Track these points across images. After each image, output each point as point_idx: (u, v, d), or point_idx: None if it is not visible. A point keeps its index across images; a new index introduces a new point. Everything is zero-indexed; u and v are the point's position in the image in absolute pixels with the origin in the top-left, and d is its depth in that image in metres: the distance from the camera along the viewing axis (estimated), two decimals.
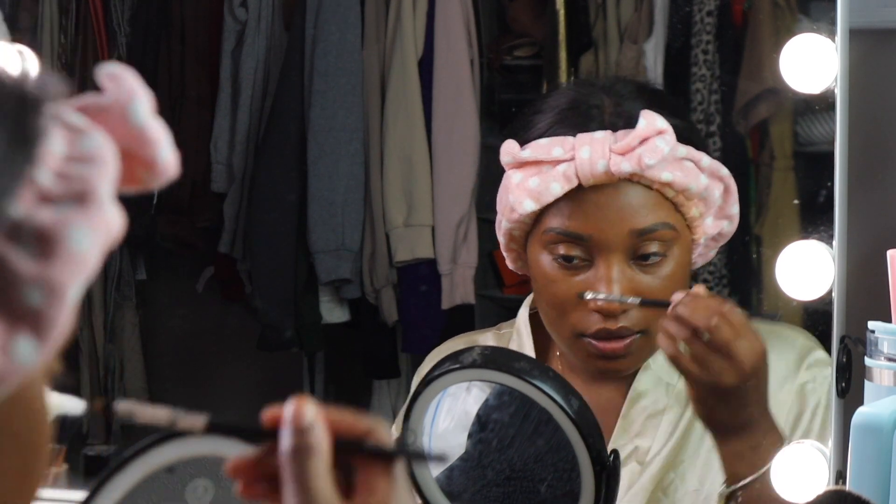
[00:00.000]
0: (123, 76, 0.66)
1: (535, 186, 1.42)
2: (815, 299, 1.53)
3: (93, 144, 0.63)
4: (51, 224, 0.60)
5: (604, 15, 2.51)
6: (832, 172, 1.52)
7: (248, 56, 2.73)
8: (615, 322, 1.43)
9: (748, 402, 1.36)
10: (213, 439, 0.85)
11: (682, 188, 1.41)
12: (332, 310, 2.73)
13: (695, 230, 1.45)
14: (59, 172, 0.61)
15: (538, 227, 1.45)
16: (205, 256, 2.79)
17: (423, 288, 2.66)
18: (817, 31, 1.52)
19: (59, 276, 0.59)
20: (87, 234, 0.60)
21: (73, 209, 0.60)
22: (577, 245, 1.43)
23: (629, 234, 1.42)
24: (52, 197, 0.60)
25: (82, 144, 0.63)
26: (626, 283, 1.43)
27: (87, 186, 0.61)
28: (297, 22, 2.70)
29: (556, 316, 1.46)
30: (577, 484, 1.23)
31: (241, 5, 2.74)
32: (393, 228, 2.66)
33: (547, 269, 1.45)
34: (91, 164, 0.62)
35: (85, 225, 0.60)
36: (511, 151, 1.44)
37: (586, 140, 1.40)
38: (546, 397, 1.22)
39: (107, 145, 0.64)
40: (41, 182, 0.60)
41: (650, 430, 1.49)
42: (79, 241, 0.60)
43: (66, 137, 0.63)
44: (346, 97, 2.67)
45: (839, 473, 1.47)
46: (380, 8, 2.66)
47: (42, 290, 0.59)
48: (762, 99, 2.18)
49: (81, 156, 0.62)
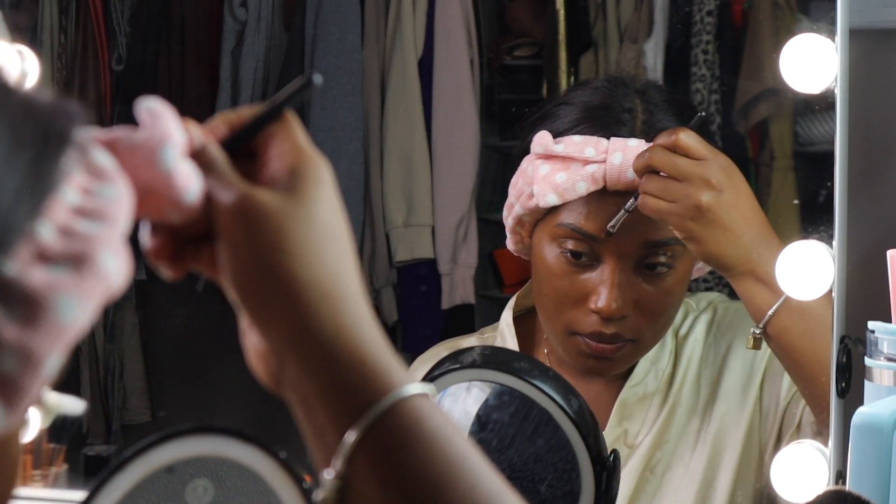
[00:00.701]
0: (162, 116, 0.65)
1: (561, 182, 1.43)
2: (815, 299, 1.53)
3: (109, 195, 0.61)
4: (41, 288, 0.57)
5: (604, 15, 2.51)
6: (832, 172, 1.52)
7: (248, 56, 2.73)
8: (611, 326, 1.44)
9: (736, 225, 1.37)
10: (213, 439, 0.85)
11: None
12: None
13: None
14: (63, 229, 0.59)
15: (551, 218, 1.46)
16: None
17: (423, 288, 2.66)
18: (817, 31, 1.52)
19: (38, 346, 0.57)
20: (77, 304, 0.58)
21: (67, 273, 0.58)
22: (588, 244, 1.43)
23: (642, 245, 1.43)
24: (49, 256, 0.58)
25: (98, 195, 0.60)
26: (629, 289, 1.43)
27: (88, 249, 0.59)
28: (297, 22, 2.70)
29: (554, 309, 1.47)
30: (577, 484, 1.23)
31: (241, 5, 2.74)
32: (393, 228, 2.66)
33: (552, 262, 1.46)
34: (100, 221, 0.60)
35: (76, 293, 0.58)
36: (544, 143, 1.45)
37: (620, 146, 1.42)
38: (546, 397, 1.22)
39: (123, 198, 0.61)
40: (42, 238, 0.58)
41: (638, 414, 1.50)
42: (66, 311, 0.57)
43: (82, 185, 0.60)
44: (346, 97, 2.67)
45: (839, 473, 1.47)
46: (380, 8, 2.66)
47: (18, 357, 0.56)
48: (762, 99, 2.18)
49: (93, 211, 0.60)
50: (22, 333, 0.56)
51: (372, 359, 0.68)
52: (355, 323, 0.69)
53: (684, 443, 1.50)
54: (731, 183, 1.39)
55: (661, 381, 1.51)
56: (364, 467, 0.66)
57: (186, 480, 0.85)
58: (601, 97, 1.51)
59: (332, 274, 0.68)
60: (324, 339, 0.67)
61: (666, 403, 1.51)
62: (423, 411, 0.68)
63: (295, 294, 0.66)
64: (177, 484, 0.85)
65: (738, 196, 1.39)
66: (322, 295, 0.67)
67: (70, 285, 0.58)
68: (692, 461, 1.49)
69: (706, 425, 1.50)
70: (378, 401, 0.67)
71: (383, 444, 0.66)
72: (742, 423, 1.49)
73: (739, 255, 1.40)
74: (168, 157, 0.64)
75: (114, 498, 0.83)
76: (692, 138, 1.40)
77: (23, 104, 0.61)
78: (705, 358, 1.52)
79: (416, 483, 0.66)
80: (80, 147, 0.61)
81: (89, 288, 0.59)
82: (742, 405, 1.50)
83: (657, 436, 1.50)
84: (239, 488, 0.86)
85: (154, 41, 2.81)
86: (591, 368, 1.48)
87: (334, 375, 0.67)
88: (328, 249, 0.68)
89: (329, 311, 0.67)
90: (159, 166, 0.64)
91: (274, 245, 0.66)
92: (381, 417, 0.67)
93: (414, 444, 0.67)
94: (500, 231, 1.48)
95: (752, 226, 1.40)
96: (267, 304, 0.66)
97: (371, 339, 0.69)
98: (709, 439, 1.50)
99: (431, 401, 0.69)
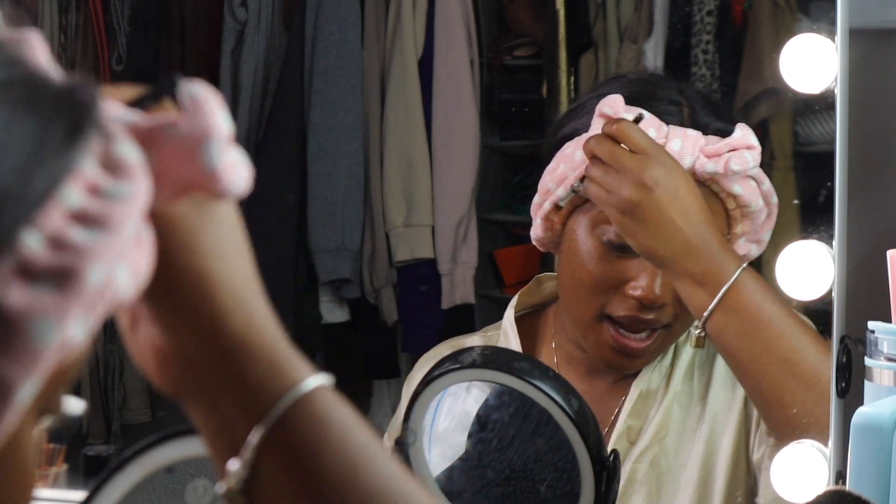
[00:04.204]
0: (206, 105, 0.61)
1: None
2: (815, 299, 1.53)
3: (121, 195, 0.56)
4: (17, 310, 0.52)
5: (604, 15, 2.51)
6: (832, 172, 1.52)
7: (248, 56, 2.73)
8: (649, 312, 1.44)
9: (668, 224, 1.37)
10: None
11: (744, 204, 1.45)
12: (332, 309, 2.72)
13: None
14: (54, 239, 0.54)
15: (592, 205, 1.46)
16: None
17: (423, 288, 2.66)
18: (817, 31, 1.52)
19: (9, 374, 0.52)
20: (56, 327, 0.53)
21: (48, 292, 0.53)
22: None
23: None
24: (32, 271, 0.52)
25: (107, 196, 0.56)
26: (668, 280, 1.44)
27: (76, 263, 0.54)
28: (297, 22, 2.70)
29: (589, 293, 1.46)
30: (576, 484, 1.23)
31: (241, 5, 2.74)
32: (393, 228, 2.66)
33: (592, 247, 1.46)
34: (99, 229, 0.55)
35: (55, 316, 0.53)
36: (615, 106, 1.44)
37: (680, 133, 1.43)
38: (546, 397, 1.22)
39: (137, 199, 0.57)
40: (27, 250, 0.53)
41: (642, 410, 1.50)
42: (43, 336, 0.52)
43: (92, 183, 0.55)
44: (346, 97, 2.67)
45: (839, 473, 1.47)
46: (380, 8, 2.66)
47: None
48: (762, 99, 2.18)
49: (95, 217, 0.55)
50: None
51: (279, 352, 0.69)
52: (263, 319, 0.69)
53: (682, 439, 1.50)
54: (668, 180, 1.38)
55: (663, 376, 1.51)
56: (274, 456, 0.67)
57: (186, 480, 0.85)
58: (644, 87, 1.52)
59: (240, 271, 0.68)
60: (237, 334, 0.67)
61: (666, 396, 1.51)
62: (330, 401, 0.70)
63: (208, 292, 0.66)
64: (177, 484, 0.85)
65: (674, 195, 1.37)
66: (232, 292, 0.67)
67: (49, 306, 0.53)
68: (690, 458, 1.49)
69: (701, 421, 1.50)
70: (289, 390, 0.68)
71: (295, 432, 0.67)
72: (732, 419, 1.49)
73: (673, 253, 1.38)
74: (212, 153, 0.61)
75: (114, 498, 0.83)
76: (635, 130, 1.39)
77: (36, 77, 0.56)
78: (697, 351, 1.51)
79: (327, 469, 0.67)
80: (103, 133, 0.56)
81: (71, 306, 0.54)
82: (731, 401, 1.50)
83: (656, 429, 1.50)
84: None
85: (154, 41, 2.81)
86: (614, 363, 1.47)
87: (245, 368, 0.67)
88: (235, 247, 0.68)
89: (240, 308, 0.68)
90: (202, 162, 0.61)
91: (185, 245, 0.65)
92: (292, 407, 0.68)
93: (325, 431, 0.68)
94: (500, 231, 1.48)
95: (690, 226, 1.38)
96: (180, 303, 0.65)
97: (276, 333, 0.70)
98: (703, 435, 1.50)
99: (334, 392, 0.70)
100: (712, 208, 1.44)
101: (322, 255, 2.67)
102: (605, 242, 1.45)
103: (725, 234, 1.46)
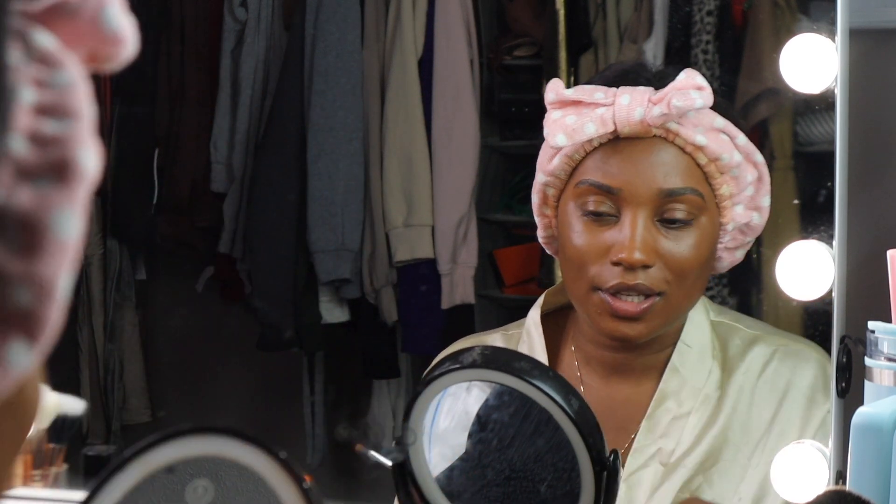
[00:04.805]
0: None
1: (570, 123, 1.44)
2: (815, 299, 1.53)
3: (64, 83, 0.56)
4: (32, 208, 0.54)
5: (604, 15, 2.51)
6: (832, 172, 1.52)
7: (248, 56, 2.74)
8: (634, 277, 1.43)
9: None
10: (213, 439, 0.85)
11: (714, 156, 1.43)
12: (332, 310, 2.73)
13: (724, 212, 1.46)
14: (33, 135, 0.55)
15: (571, 182, 1.47)
16: (205, 256, 2.79)
17: (423, 288, 2.66)
18: (817, 31, 1.52)
19: (47, 271, 0.54)
20: (72, 217, 0.55)
21: (53, 187, 0.55)
22: (607, 198, 1.44)
23: (658, 193, 1.43)
24: (29, 170, 0.54)
25: (53, 86, 0.56)
26: (651, 242, 1.43)
27: (65, 153, 0.55)
28: (297, 22, 2.70)
29: (577, 270, 1.47)
30: (577, 484, 1.23)
31: (241, 5, 2.74)
32: (393, 228, 2.66)
33: (573, 222, 1.47)
34: (66, 118, 0.56)
35: (68, 206, 0.55)
36: (556, 89, 1.45)
37: (627, 90, 1.43)
38: (546, 397, 1.22)
39: (80, 83, 0.57)
40: (17, 153, 0.54)
41: (675, 432, 1.49)
42: (63, 227, 0.54)
43: (34, 77, 0.56)
44: (346, 97, 2.68)
45: (839, 473, 1.47)
46: (380, 8, 2.66)
47: (30, 288, 0.54)
48: (762, 99, 2.18)
49: (55, 106, 0.56)
50: (27, 263, 0.54)
51: None
52: None
53: (733, 471, 1.48)
54: None
55: (700, 401, 1.49)
56: None
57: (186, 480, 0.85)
58: (618, 70, 1.53)
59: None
60: None
61: (711, 429, 1.49)
62: None
63: None
64: (177, 484, 0.85)
65: None
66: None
67: (60, 198, 0.55)
68: (739, 492, 1.48)
69: (755, 462, 1.48)
70: None
71: None
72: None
73: None
74: (112, 17, 0.59)
75: (114, 498, 0.83)
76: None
77: None
78: (760, 392, 1.50)
79: None
80: (19, 32, 0.56)
81: (79, 196, 0.55)
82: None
83: (700, 459, 1.49)
84: (239, 488, 0.86)
85: (154, 41, 2.81)
86: (614, 331, 1.46)
87: None
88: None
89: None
90: (104, 27, 0.59)
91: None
92: None
93: None
94: (500, 231, 1.48)
95: None
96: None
97: None
98: (757, 477, 1.48)
99: None
100: (682, 166, 1.44)
101: (322, 255, 2.67)
102: (585, 215, 1.46)
103: (705, 197, 1.45)
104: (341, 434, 2.82)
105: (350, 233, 2.68)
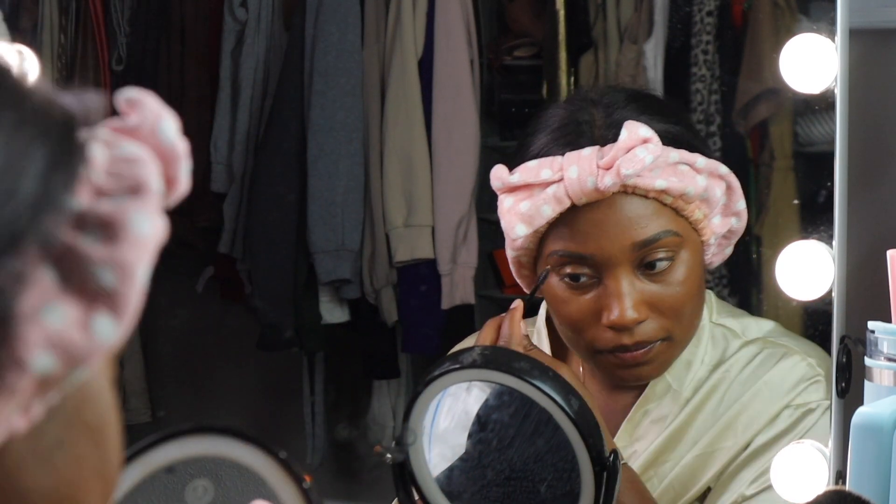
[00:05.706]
0: (145, 100, 0.67)
1: (525, 210, 1.40)
2: (815, 299, 1.53)
3: (131, 149, 0.64)
4: (112, 212, 0.61)
5: (604, 15, 2.51)
6: (832, 172, 1.52)
7: (248, 56, 2.74)
8: (631, 336, 1.42)
9: None
10: (213, 439, 0.85)
11: (678, 193, 1.40)
12: (332, 310, 2.73)
13: (702, 231, 1.44)
14: (109, 171, 0.63)
15: (543, 251, 1.44)
16: (205, 256, 2.80)
17: (423, 288, 2.66)
18: (817, 31, 1.52)
19: (127, 257, 0.61)
20: (147, 219, 0.62)
21: (129, 199, 0.62)
22: (583, 264, 1.41)
23: (631, 248, 1.40)
24: (107, 191, 0.62)
25: (121, 150, 0.64)
26: (637, 295, 1.41)
27: (138, 180, 0.63)
28: (297, 22, 2.71)
29: (573, 334, 1.45)
30: (576, 484, 1.23)
31: (241, 5, 2.74)
32: (393, 228, 2.66)
33: (557, 290, 1.44)
34: (136, 163, 0.64)
35: (143, 211, 0.62)
36: (501, 177, 1.42)
37: (574, 159, 1.39)
38: (546, 397, 1.22)
39: (144, 150, 0.65)
40: (95, 180, 0.62)
41: (651, 435, 1.49)
42: (140, 225, 0.62)
43: (104, 148, 0.64)
44: (346, 97, 2.68)
45: (839, 473, 1.47)
46: (380, 8, 2.66)
47: (113, 270, 0.61)
48: (762, 99, 2.19)
49: (125, 158, 0.64)
50: (110, 250, 0.61)
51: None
52: None
53: (684, 465, 1.48)
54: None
55: (678, 404, 1.49)
56: None
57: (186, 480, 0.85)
58: (559, 117, 1.48)
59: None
60: None
61: (672, 423, 1.49)
62: None
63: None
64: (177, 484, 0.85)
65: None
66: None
67: (136, 205, 0.62)
68: (690, 484, 1.48)
69: (707, 460, 1.48)
70: None
71: None
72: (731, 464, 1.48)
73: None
74: (168, 131, 0.66)
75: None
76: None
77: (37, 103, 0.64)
78: (732, 388, 1.49)
79: None
80: (92, 130, 0.64)
81: (153, 208, 0.63)
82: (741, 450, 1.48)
83: (654, 454, 1.49)
84: (239, 488, 0.86)
85: (154, 41, 2.81)
86: (627, 378, 1.46)
87: None
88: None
89: None
90: (161, 140, 0.66)
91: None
92: None
93: None
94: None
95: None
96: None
97: None
98: (706, 475, 1.48)
99: None
100: (649, 212, 1.42)
101: (322, 255, 2.67)
102: (565, 278, 1.43)
103: (680, 231, 1.43)
104: (341, 434, 2.82)
105: (350, 233, 2.68)
